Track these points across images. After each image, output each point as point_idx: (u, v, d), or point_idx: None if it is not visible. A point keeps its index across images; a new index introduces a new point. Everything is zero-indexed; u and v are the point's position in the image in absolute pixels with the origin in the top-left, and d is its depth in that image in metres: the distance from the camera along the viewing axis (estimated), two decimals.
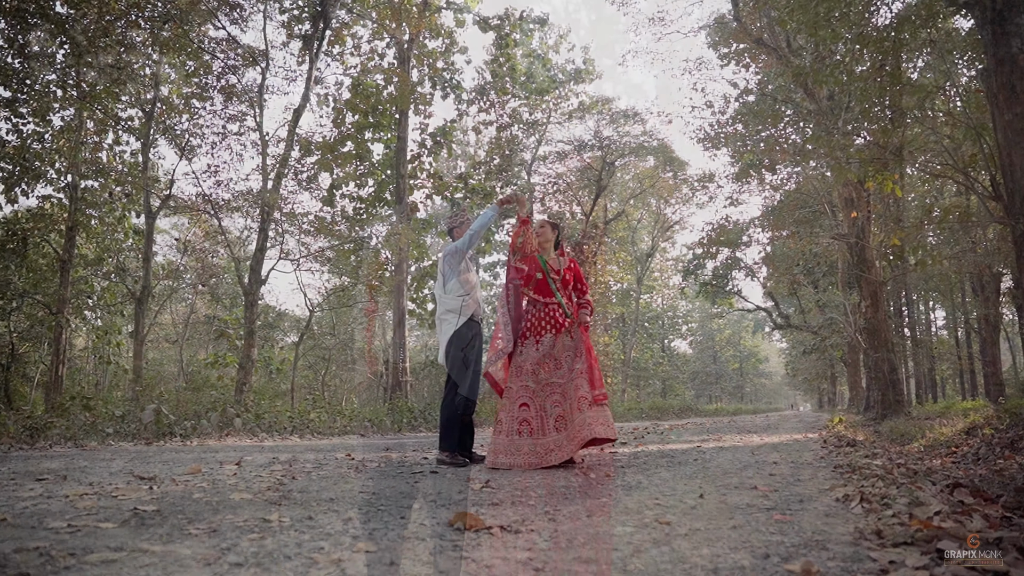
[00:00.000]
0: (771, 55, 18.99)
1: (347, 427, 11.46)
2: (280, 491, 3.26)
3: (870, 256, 16.76)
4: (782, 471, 4.54)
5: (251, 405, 11.33)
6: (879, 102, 9.63)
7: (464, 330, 5.10)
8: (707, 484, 3.86)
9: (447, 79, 22.87)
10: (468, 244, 5.19)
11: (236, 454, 6.06)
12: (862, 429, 12.36)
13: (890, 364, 16.12)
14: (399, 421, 13.14)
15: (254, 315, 16.95)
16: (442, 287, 5.27)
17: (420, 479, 3.87)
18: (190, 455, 5.81)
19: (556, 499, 3.16)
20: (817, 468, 4.72)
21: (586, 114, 28.01)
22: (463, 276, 5.18)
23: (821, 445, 6.89)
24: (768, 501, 3.24)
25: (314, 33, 18.37)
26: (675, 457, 5.71)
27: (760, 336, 63.23)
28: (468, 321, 5.12)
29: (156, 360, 30.43)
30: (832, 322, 26.14)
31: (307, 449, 6.89)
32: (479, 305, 5.31)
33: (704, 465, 5.01)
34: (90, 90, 17.48)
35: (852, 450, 6.03)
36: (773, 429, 11.72)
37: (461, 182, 23.62)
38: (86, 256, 20.68)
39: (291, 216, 18.53)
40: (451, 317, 5.10)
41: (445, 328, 5.14)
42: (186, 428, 8.52)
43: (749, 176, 24.90)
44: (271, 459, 5.29)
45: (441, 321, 5.20)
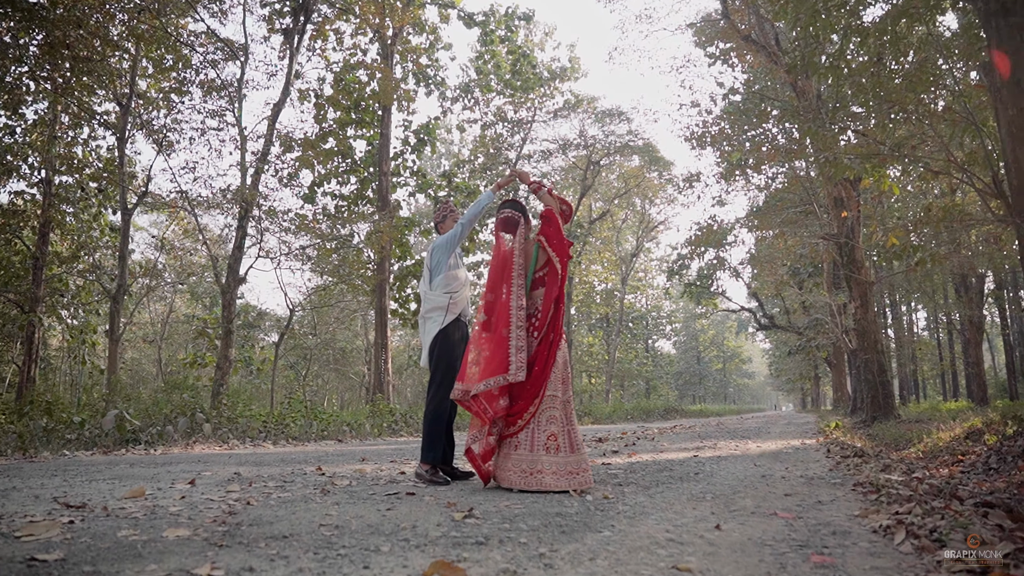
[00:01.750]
0: (759, 53, 18.61)
1: (324, 431, 10.90)
2: (228, 523, 2.74)
3: (860, 256, 16.42)
4: (797, 489, 4.07)
5: (226, 408, 10.76)
6: (877, 96, 9.22)
7: (451, 329, 4.61)
8: (719, 508, 3.38)
9: (431, 76, 22.35)
10: (461, 233, 4.68)
11: (197, 467, 5.53)
12: (854, 433, 11.97)
13: (880, 366, 15.76)
14: (379, 425, 12.60)
15: (232, 314, 16.35)
16: (428, 283, 4.77)
17: (394, 504, 3.36)
18: (144, 470, 5.26)
19: (552, 533, 2.67)
20: (833, 485, 4.26)
21: (571, 113, 27.54)
22: (451, 272, 4.68)
23: (825, 455, 6.44)
24: (795, 533, 2.77)
25: (295, 27, 17.80)
26: (674, 470, 5.23)
27: (743, 336, 63.05)
28: (455, 320, 4.63)
29: (135, 360, 29.72)
30: (818, 323, 25.82)
31: (277, 460, 6.36)
32: (468, 304, 4.83)
33: (709, 481, 4.54)
34: (64, 83, 16.84)
35: (861, 461, 5.58)
36: (766, 434, 11.30)
37: (445, 180, 23.10)
38: (60, 253, 20.02)
39: (271, 213, 17.94)
40: (437, 315, 4.61)
41: (429, 327, 4.63)
42: (151, 435, 7.96)
43: (735, 176, 24.57)
44: (232, 475, 4.75)
45: (425, 320, 4.70)
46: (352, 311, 26.22)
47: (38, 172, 18.87)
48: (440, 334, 4.58)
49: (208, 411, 9.85)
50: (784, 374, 44.46)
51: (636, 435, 11.03)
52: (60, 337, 23.78)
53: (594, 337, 39.97)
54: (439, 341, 4.57)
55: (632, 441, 8.98)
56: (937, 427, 10.57)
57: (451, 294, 4.63)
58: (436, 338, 4.58)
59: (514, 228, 4.43)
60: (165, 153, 18.38)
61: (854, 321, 16.49)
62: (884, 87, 9.13)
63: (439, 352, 4.56)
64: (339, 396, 35.98)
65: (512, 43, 24.07)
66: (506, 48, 24.17)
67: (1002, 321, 27.59)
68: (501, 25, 23.51)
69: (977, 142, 9.32)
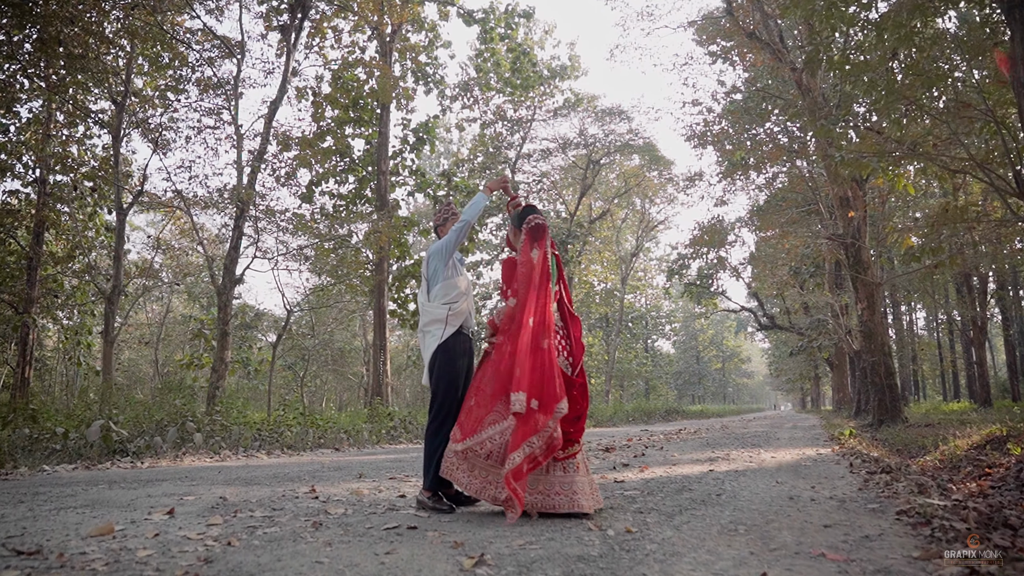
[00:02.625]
0: (764, 50, 18.21)
1: (321, 439, 10.49)
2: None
3: (866, 257, 16.04)
4: (834, 518, 3.68)
5: (220, 415, 10.35)
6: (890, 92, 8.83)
7: (452, 343, 4.19)
8: (756, 544, 2.99)
9: (430, 74, 21.93)
10: (456, 240, 4.26)
11: (182, 487, 5.12)
12: (863, 437, 11.59)
13: (887, 368, 15.39)
14: (378, 431, 12.18)
15: (228, 316, 15.95)
16: (426, 294, 4.35)
17: (394, 544, 2.97)
18: (124, 492, 4.84)
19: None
20: (872, 512, 3.87)
21: (571, 111, 27.17)
22: (450, 281, 4.27)
23: (848, 469, 6.06)
24: None
25: (292, 24, 17.38)
26: (694, 490, 4.84)
27: (742, 336, 62.67)
28: (456, 333, 4.21)
29: (132, 360, 29.29)
30: (820, 323, 25.44)
31: (269, 476, 5.95)
32: (470, 315, 4.39)
33: (735, 505, 4.15)
34: (59, 81, 16.45)
35: (890, 479, 5.19)
36: (775, 440, 10.91)
37: (444, 179, 22.68)
38: (55, 254, 19.63)
39: (269, 213, 17.54)
40: (435, 328, 4.21)
41: (429, 342, 4.22)
42: (139, 446, 7.56)
43: (736, 175, 24.20)
44: (217, 500, 4.34)
45: (424, 334, 4.29)
46: (350, 311, 25.82)
47: (33, 171, 18.50)
48: (440, 349, 4.17)
49: (200, 418, 9.45)
50: (784, 374, 44.12)
51: (643, 442, 10.64)
52: (56, 338, 23.36)
53: (594, 337, 39.56)
54: (439, 356, 4.16)
55: (640, 451, 8.59)
56: (952, 433, 10.17)
57: (450, 304, 4.21)
58: (436, 353, 4.18)
59: (544, 236, 4.13)
60: (161, 152, 18.00)
61: (861, 323, 16.10)
62: (897, 82, 8.76)
63: (440, 368, 4.14)
64: (338, 396, 35.57)
65: (512, 41, 23.66)
66: (506, 46, 23.77)
67: (1004, 321, 27.21)
68: (501, 23, 23.10)
69: (996, 139, 8.96)
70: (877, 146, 9.28)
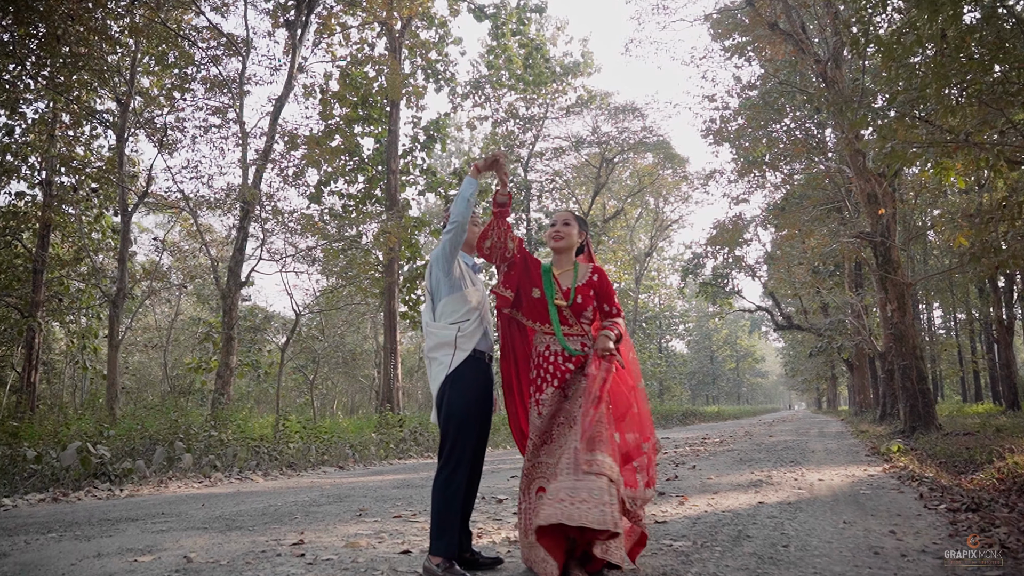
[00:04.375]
0: (786, 42, 17.31)
1: (325, 455, 9.66)
2: None
3: (896, 256, 15.14)
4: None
5: (218, 427, 9.60)
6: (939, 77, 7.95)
7: (464, 371, 3.29)
8: None
9: (441, 71, 21.13)
10: (451, 244, 3.38)
11: (147, 536, 4.33)
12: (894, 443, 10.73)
13: (919, 372, 14.48)
14: (386, 445, 11.36)
15: (233, 320, 15.21)
16: (431, 312, 3.47)
17: None
18: (76, 545, 4.05)
19: None
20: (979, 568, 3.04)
21: (584, 109, 26.34)
22: (457, 294, 3.39)
23: (919, 500, 5.22)
24: None
25: (297, 20, 16.63)
26: (752, 537, 4.02)
27: (756, 335, 61.54)
28: (470, 358, 3.31)
29: (142, 363, 28.65)
30: (840, 323, 24.48)
31: (255, 515, 5.13)
32: (487, 333, 3.47)
33: (813, 567, 3.32)
34: (65, 81, 15.86)
35: (982, 521, 4.36)
36: (810, 453, 10.07)
37: (456, 178, 21.89)
38: (61, 256, 19.06)
39: (276, 213, 16.82)
40: (443, 355, 3.33)
41: (435, 371, 3.34)
42: (121, 469, 6.79)
43: (754, 171, 23.34)
44: (180, 563, 3.53)
45: (430, 361, 3.40)
46: (361, 313, 25.08)
47: (39, 173, 17.96)
48: (449, 380, 3.28)
49: (196, 433, 8.68)
50: (800, 374, 43.08)
51: (670, 457, 9.82)
52: (63, 342, 22.75)
53: None
54: (448, 389, 3.27)
55: (672, 474, 7.75)
56: (1004, 446, 9.28)
57: (459, 324, 3.34)
58: (444, 385, 3.29)
59: None
60: (167, 152, 17.37)
61: (891, 324, 15.19)
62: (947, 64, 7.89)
63: (450, 405, 3.25)
64: (349, 399, 34.86)
65: (524, 36, 22.85)
66: (518, 42, 22.95)
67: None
68: (513, 18, 22.29)
69: None
70: (922, 136, 8.41)
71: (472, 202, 3.38)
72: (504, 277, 3.48)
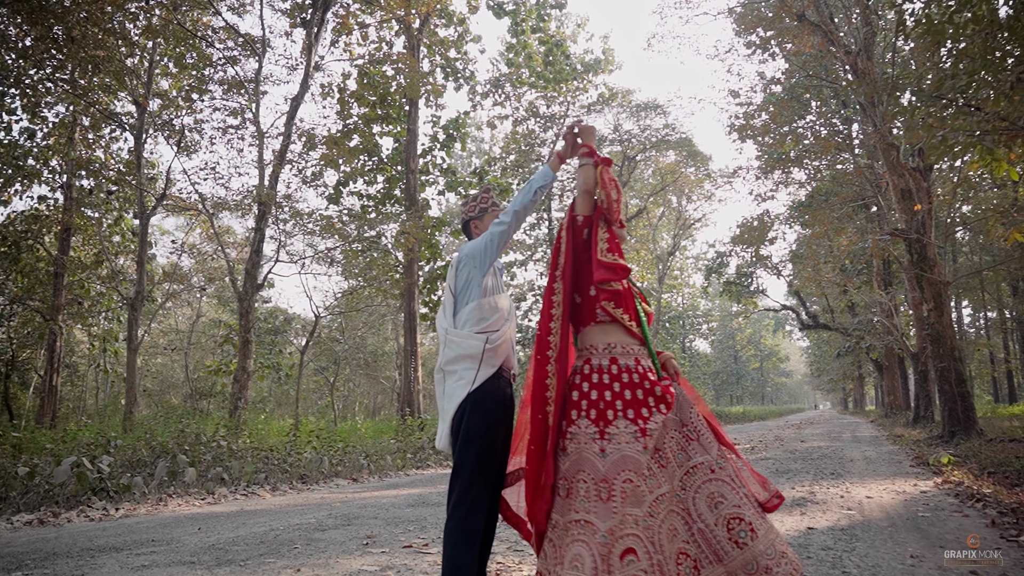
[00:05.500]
0: (813, 33, 16.61)
1: (339, 466, 9.16)
2: None
3: (932, 253, 14.40)
4: None
5: (229, 436, 9.17)
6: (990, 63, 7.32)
7: (489, 390, 2.73)
8: None
9: (460, 69, 20.64)
10: (503, 238, 2.86)
11: (136, 564, 3.86)
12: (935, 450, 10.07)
13: (958, 375, 13.73)
14: (403, 455, 10.83)
15: (249, 323, 14.81)
16: (451, 315, 2.89)
17: None
18: None
19: None
20: None
21: (605, 107, 25.71)
22: (489, 299, 2.84)
23: (990, 526, 4.62)
24: None
25: (313, 17, 16.21)
26: None
27: (781, 335, 60.40)
28: (494, 377, 2.77)
29: (164, 365, 28.47)
30: (869, 323, 23.66)
31: (252, 543, 4.65)
32: (512, 351, 2.93)
33: None
34: (85, 84, 15.67)
35: None
36: (849, 462, 9.44)
37: (476, 177, 21.39)
38: (82, 259, 18.92)
39: (296, 214, 16.47)
40: (465, 368, 2.75)
41: (453, 387, 2.77)
42: (120, 485, 6.35)
43: (779, 167, 22.65)
44: None
45: (447, 375, 2.83)
46: (381, 315, 24.67)
47: (60, 176, 17.81)
48: (471, 400, 2.70)
49: (206, 443, 8.24)
50: (826, 374, 42.06)
51: None
52: (85, 345, 22.60)
53: None
54: (469, 411, 2.70)
55: None
56: None
57: (487, 334, 2.78)
58: (464, 406, 2.71)
59: None
60: (185, 154, 17.11)
61: (928, 325, 14.45)
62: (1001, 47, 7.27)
63: (468, 429, 2.68)
64: (371, 400, 34.47)
65: (544, 33, 22.29)
66: (538, 39, 22.41)
67: None
68: (532, 14, 21.74)
69: None
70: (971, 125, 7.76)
71: (541, 196, 2.85)
72: (611, 243, 2.66)
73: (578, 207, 2.72)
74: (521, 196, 2.86)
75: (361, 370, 27.68)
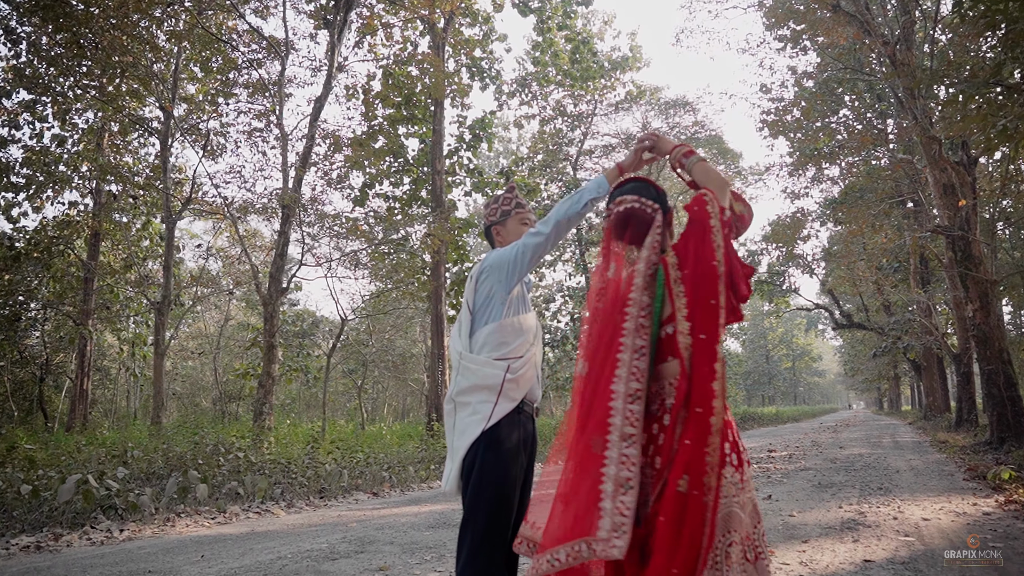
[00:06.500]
0: (849, 24, 15.94)
1: (360, 479, 8.75)
2: None
3: (978, 251, 13.69)
4: None
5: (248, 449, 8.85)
6: None
7: (507, 428, 2.28)
8: None
9: (486, 68, 20.24)
10: (539, 248, 2.34)
11: None
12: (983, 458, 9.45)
13: (1007, 378, 13.00)
14: (427, 466, 10.41)
15: (274, 328, 14.53)
16: (467, 337, 2.41)
17: None
18: None
19: None
20: None
21: (633, 104, 25.19)
22: (510, 320, 2.37)
23: None
24: None
25: (335, 18, 15.91)
26: None
27: (813, 334, 59.17)
28: (515, 412, 2.31)
29: (195, 369, 28.46)
30: (907, 322, 22.82)
31: (256, 572, 4.28)
32: (538, 380, 2.46)
33: None
34: (115, 91, 15.62)
35: None
36: (895, 473, 8.87)
37: (503, 178, 20.98)
38: (111, 264, 18.96)
39: (321, 217, 16.23)
40: (479, 400, 2.29)
41: (465, 423, 2.32)
42: (128, 503, 6.02)
43: (810, 165, 21.97)
44: None
45: (459, 406, 2.36)
46: (409, 317, 24.38)
47: (89, 182, 17.83)
48: (485, 440, 2.26)
49: (223, 453, 7.92)
50: (861, 374, 40.99)
51: None
52: (115, 349, 22.63)
53: None
54: (483, 453, 2.26)
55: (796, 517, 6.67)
56: None
57: (508, 362, 2.31)
58: (477, 446, 2.27)
59: (644, 234, 2.14)
60: (212, 158, 16.99)
61: (973, 326, 13.74)
62: None
63: (481, 475, 2.24)
64: (400, 402, 34.24)
65: (570, 30, 21.81)
66: (564, 36, 21.93)
67: None
68: (558, 12, 21.26)
69: None
70: None
71: (590, 209, 2.35)
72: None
73: (723, 200, 2.18)
74: (567, 205, 2.34)
75: (389, 372, 27.42)
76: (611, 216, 2.19)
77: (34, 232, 16.72)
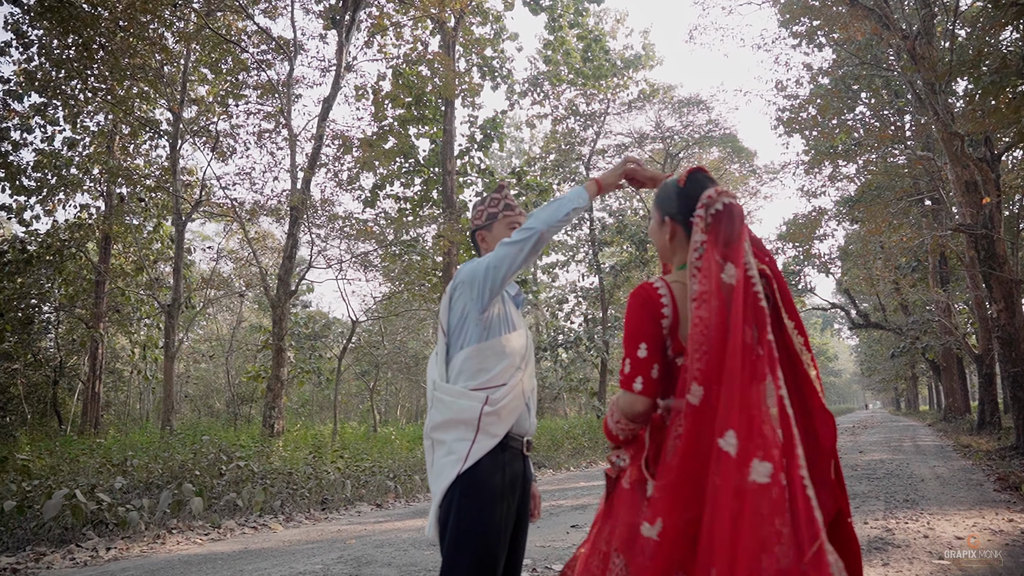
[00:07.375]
0: (867, 18, 15.49)
1: (363, 489, 8.44)
2: None
3: (1002, 250, 13.23)
4: None
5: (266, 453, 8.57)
6: None
7: (488, 469, 1.94)
8: None
9: (496, 68, 19.91)
10: (516, 259, 1.96)
11: None
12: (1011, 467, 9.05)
13: None
14: None
15: (283, 330, 14.27)
16: (443, 364, 2.08)
17: None
18: None
19: None
20: None
21: (646, 103, 24.77)
22: (489, 343, 2.02)
23: None
24: None
25: (343, 18, 15.64)
26: None
27: (828, 333, 58.38)
28: (497, 450, 1.97)
29: (208, 371, 28.32)
30: (926, 322, 22.28)
31: None
32: (531, 406, 2.12)
33: None
34: (125, 93, 15.48)
35: None
36: (920, 481, 8.46)
37: (515, 177, 20.64)
38: (123, 267, 18.84)
39: (332, 219, 15.96)
40: (456, 439, 1.96)
41: (440, 462, 1.98)
42: (119, 517, 5.75)
43: (826, 163, 21.50)
44: None
45: (434, 444, 2.03)
46: (421, 319, 24.10)
47: (100, 184, 17.72)
48: (460, 484, 1.93)
49: (225, 462, 7.63)
50: (878, 374, 40.32)
51: None
52: (128, 351, 22.51)
53: None
54: (458, 500, 1.92)
55: None
56: None
57: (487, 392, 1.97)
58: (452, 491, 1.94)
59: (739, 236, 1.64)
60: (222, 159, 16.79)
61: (997, 327, 13.27)
62: None
63: (458, 523, 1.90)
64: (412, 404, 33.96)
65: (582, 28, 21.45)
66: (576, 35, 21.57)
67: None
68: (570, 10, 20.91)
69: None
70: None
71: (572, 219, 1.98)
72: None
73: None
74: (549, 213, 1.97)
75: (402, 374, 27.16)
76: (718, 212, 1.70)
77: (46, 235, 16.60)
